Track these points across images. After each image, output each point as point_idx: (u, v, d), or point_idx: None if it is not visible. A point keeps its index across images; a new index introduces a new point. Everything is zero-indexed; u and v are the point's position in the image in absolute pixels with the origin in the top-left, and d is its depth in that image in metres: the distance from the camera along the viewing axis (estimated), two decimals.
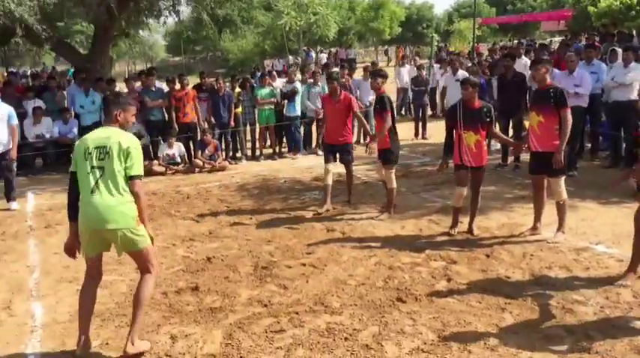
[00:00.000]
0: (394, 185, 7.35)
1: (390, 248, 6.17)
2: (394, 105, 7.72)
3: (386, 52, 41.99)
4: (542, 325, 4.29)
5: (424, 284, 5.14)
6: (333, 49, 46.35)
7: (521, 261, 5.61)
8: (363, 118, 8.22)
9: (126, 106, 4.11)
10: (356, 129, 11.52)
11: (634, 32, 19.20)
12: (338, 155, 7.87)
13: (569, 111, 5.94)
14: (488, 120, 6.32)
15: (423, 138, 13.26)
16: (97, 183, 3.84)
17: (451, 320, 4.39)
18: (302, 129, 12.43)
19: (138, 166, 3.91)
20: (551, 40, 29.63)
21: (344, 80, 12.25)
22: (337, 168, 8.21)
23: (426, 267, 5.59)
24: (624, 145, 9.31)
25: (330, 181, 7.73)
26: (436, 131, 13.00)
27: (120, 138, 3.91)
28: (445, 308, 4.64)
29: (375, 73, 7.58)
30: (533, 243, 6.09)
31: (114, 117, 4.06)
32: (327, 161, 7.77)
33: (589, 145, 10.39)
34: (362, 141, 12.44)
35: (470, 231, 6.47)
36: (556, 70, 9.32)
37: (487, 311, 4.55)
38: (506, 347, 3.97)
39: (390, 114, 7.17)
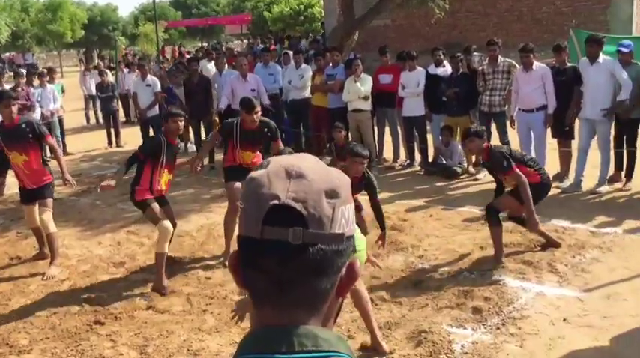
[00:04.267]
0: (55, 228, 5.86)
1: (86, 267, 5.78)
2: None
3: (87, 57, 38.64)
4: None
5: (124, 301, 4.94)
6: (8, 54, 41.70)
7: (220, 261, 5.78)
8: None
9: None
10: None
11: (309, 36, 21.40)
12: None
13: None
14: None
15: (118, 145, 12.76)
16: None
17: (153, 333, 4.30)
18: None
19: None
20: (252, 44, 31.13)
21: (20, 90, 11.05)
22: None
23: (126, 281, 5.38)
24: (303, 139, 10.28)
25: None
26: (131, 138, 12.62)
27: None
28: (147, 321, 4.53)
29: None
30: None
31: None
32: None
33: None
34: None
35: None
36: (234, 72, 9.81)
37: (189, 316, 4.59)
38: (208, 348, 4.05)
39: (50, 137, 6.01)
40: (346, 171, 4.90)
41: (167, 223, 5.30)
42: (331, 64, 9.57)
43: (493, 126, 8.16)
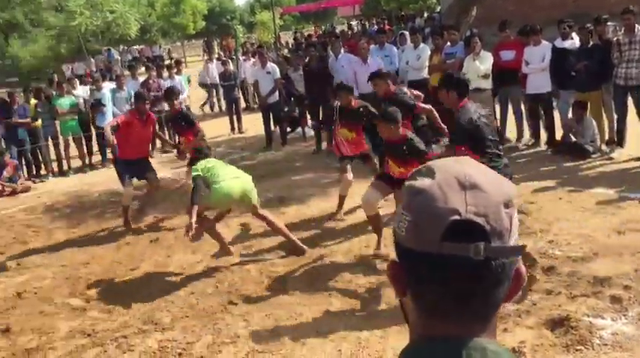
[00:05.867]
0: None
1: (217, 250, 6.10)
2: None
3: (208, 46, 40.38)
4: (365, 303, 4.54)
5: (254, 283, 5.17)
6: (135, 47, 44.44)
7: (342, 244, 5.86)
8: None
9: None
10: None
11: (424, 13, 20.95)
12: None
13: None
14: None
15: (240, 132, 13.28)
16: None
17: (283, 315, 4.47)
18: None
19: None
20: (350, 25, 31.10)
21: (151, 82, 11.82)
22: None
23: (255, 264, 5.62)
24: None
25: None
26: (251, 124, 13.09)
27: None
28: (276, 303, 4.71)
29: (169, 93, 7.51)
30: (355, 226, 6.34)
31: None
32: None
33: None
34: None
35: None
36: (352, 56, 9.84)
37: (315, 299, 4.70)
38: (336, 331, 4.14)
39: (197, 126, 7.32)
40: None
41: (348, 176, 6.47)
42: (449, 43, 9.31)
43: (630, 101, 7.58)
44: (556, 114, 8.50)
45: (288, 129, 11.51)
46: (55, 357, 4.22)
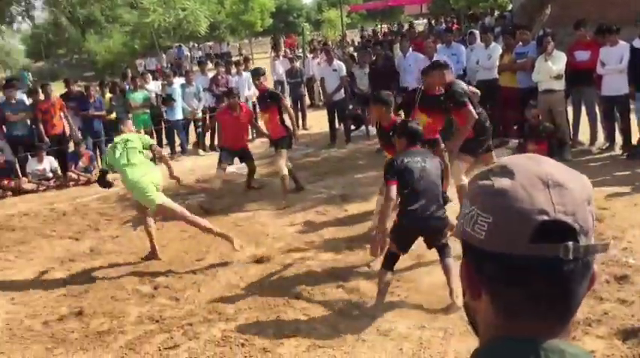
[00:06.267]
0: (285, 171, 7.73)
1: (280, 245, 6.19)
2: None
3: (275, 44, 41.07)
4: (427, 303, 4.50)
5: (316, 278, 5.21)
6: (208, 44, 45.57)
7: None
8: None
9: None
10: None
11: (494, 12, 20.50)
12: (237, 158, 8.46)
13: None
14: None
15: (304, 128, 13.37)
16: None
17: (344, 311, 4.49)
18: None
19: None
20: (411, 23, 30.73)
21: (220, 78, 12.09)
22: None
23: (317, 260, 5.66)
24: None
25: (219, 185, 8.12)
26: (316, 121, 13.17)
27: None
28: (337, 299, 4.73)
29: (255, 73, 8.42)
30: None
31: None
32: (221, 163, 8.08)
33: None
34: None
35: None
36: (419, 55, 9.75)
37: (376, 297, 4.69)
38: (397, 330, 4.13)
39: (283, 102, 8.04)
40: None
41: None
42: (521, 42, 9.08)
43: None
44: (633, 117, 8.15)
45: (352, 127, 11.52)
46: (125, 341, 4.39)
